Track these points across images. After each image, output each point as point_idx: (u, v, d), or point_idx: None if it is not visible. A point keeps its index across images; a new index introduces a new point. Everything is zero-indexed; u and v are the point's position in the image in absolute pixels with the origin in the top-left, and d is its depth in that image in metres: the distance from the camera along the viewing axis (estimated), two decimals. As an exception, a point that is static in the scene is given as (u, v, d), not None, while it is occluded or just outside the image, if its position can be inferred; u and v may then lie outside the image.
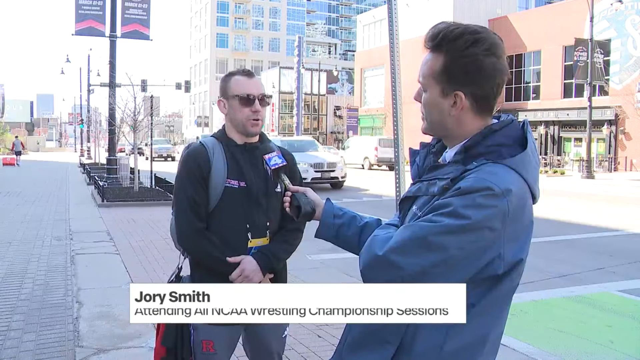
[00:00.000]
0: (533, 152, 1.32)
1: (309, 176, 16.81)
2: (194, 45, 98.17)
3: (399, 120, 5.32)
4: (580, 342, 4.34)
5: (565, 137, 33.60)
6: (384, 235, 1.31)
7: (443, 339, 1.28)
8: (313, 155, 17.88)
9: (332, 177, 17.79)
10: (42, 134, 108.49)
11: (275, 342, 2.31)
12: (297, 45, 46.01)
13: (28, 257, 6.93)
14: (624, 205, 14.51)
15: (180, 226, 2.17)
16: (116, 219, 10.27)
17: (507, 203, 1.21)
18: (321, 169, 17.52)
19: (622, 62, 29.71)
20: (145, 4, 17.20)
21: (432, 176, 1.36)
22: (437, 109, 1.35)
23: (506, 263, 1.25)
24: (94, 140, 38.99)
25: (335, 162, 18.05)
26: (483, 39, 1.28)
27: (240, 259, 2.12)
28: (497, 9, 38.38)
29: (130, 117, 14.42)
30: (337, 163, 18.09)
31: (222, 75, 2.34)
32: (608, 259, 7.51)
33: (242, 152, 2.20)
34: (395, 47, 5.16)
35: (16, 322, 4.50)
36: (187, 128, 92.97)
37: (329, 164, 17.73)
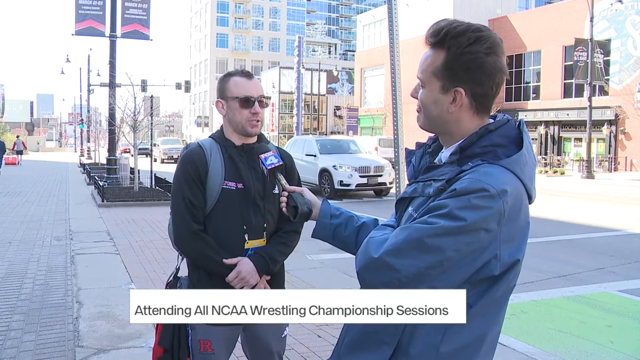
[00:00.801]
0: (529, 151, 1.31)
1: (352, 182, 14.89)
2: (194, 45, 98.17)
3: (399, 120, 5.33)
4: (580, 342, 4.34)
5: (565, 137, 33.59)
6: (380, 237, 1.31)
7: (440, 339, 1.28)
8: (358, 158, 15.75)
9: (380, 182, 15.37)
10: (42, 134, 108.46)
11: (275, 343, 2.30)
12: (297, 45, 45.99)
13: (28, 257, 6.93)
14: (624, 205, 14.51)
15: (177, 228, 2.17)
16: (116, 219, 10.27)
17: (503, 204, 1.21)
18: (367, 174, 15.17)
19: (622, 62, 29.70)
20: (145, 4, 17.21)
21: (428, 177, 1.36)
22: (436, 105, 1.35)
23: (503, 264, 1.25)
24: (94, 140, 39.15)
25: (382, 165, 15.66)
26: (485, 37, 1.29)
27: (237, 260, 2.12)
28: (497, 9, 38.38)
29: (130, 117, 14.44)
30: (385, 166, 15.60)
31: (222, 75, 2.33)
32: (608, 259, 7.51)
33: (240, 154, 2.19)
34: (395, 47, 5.16)
35: (16, 322, 4.50)
36: (187, 128, 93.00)
37: (376, 167, 15.44)
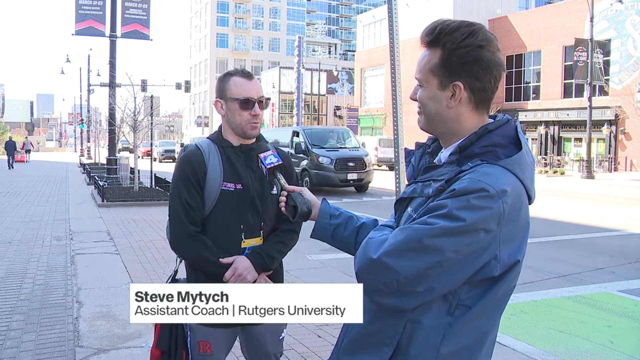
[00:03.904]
0: (527, 151, 1.31)
1: None
2: (194, 45, 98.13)
3: (399, 120, 5.33)
4: (580, 342, 4.34)
5: (565, 137, 33.59)
6: (379, 238, 1.30)
7: (440, 341, 1.27)
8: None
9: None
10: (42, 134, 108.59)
11: (273, 344, 2.30)
12: (297, 45, 46.00)
13: (28, 257, 6.93)
14: (624, 205, 14.51)
15: (174, 230, 2.16)
16: (116, 219, 10.27)
17: (503, 204, 1.20)
18: None
19: (622, 62, 29.70)
20: (145, 4, 17.21)
21: (427, 177, 1.35)
22: (435, 102, 1.34)
23: (502, 264, 1.25)
24: (94, 140, 39.35)
25: None
26: (478, 31, 1.30)
27: (233, 259, 2.12)
28: (497, 9, 38.40)
29: (130, 117, 14.44)
30: None
31: (221, 74, 2.31)
32: (608, 259, 7.51)
33: (238, 154, 2.18)
34: (395, 47, 5.17)
35: (16, 322, 4.50)
36: (187, 128, 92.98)
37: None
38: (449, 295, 1.26)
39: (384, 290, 1.24)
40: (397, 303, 1.25)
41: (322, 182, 16.03)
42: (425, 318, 1.27)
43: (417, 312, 1.27)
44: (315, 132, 18.07)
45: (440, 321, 1.27)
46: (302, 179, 16.13)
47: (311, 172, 16.21)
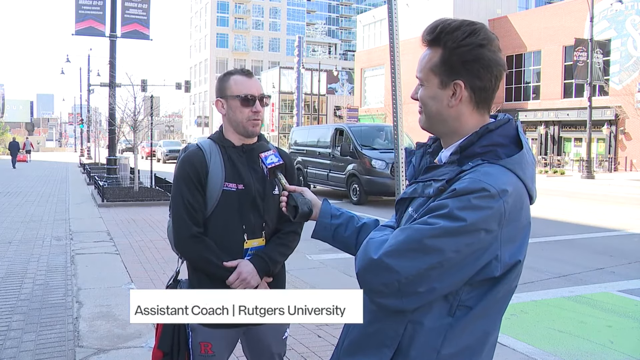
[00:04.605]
0: (528, 151, 1.30)
1: None
2: (194, 45, 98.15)
3: (399, 120, 5.32)
4: (580, 342, 4.34)
5: (565, 137, 33.59)
6: (380, 238, 1.30)
7: (440, 342, 1.27)
8: None
9: None
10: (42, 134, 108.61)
11: (276, 344, 2.29)
12: (297, 45, 46.02)
13: (28, 257, 6.93)
14: (624, 205, 14.51)
15: (177, 231, 2.15)
16: (116, 219, 10.27)
17: (504, 204, 1.20)
18: None
19: (622, 62, 29.70)
20: (145, 4, 17.20)
21: (428, 177, 1.35)
22: (435, 101, 1.34)
23: (503, 265, 1.24)
24: (94, 140, 39.38)
25: None
26: (479, 30, 1.29)
27: (237, 262, 2.10)
28: (497, 9, 38.38)
29: (130, 117, 14.44)
30: None
31: (221, 74, 2.31)
32: (608, 259, 7.51)
33: (240, 154, 2.18)
34: (395, 47, 5.16)
35: (16, 322, 4.50)
36: (187, 128, 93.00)
37: None
38: (450, 295, 1.26)
39: (384, 291, 1.24)
40: (397, 304, 1.25)
41: (376, 190, 13.36)
42: (426, 319, 1.27)
43: (418, 313, 1.27)
44: (363, 130, 15.35)
45: (441, 322, 1.26)
46: (349, 186, 14.06)
47: (362, 178, 13.52)
